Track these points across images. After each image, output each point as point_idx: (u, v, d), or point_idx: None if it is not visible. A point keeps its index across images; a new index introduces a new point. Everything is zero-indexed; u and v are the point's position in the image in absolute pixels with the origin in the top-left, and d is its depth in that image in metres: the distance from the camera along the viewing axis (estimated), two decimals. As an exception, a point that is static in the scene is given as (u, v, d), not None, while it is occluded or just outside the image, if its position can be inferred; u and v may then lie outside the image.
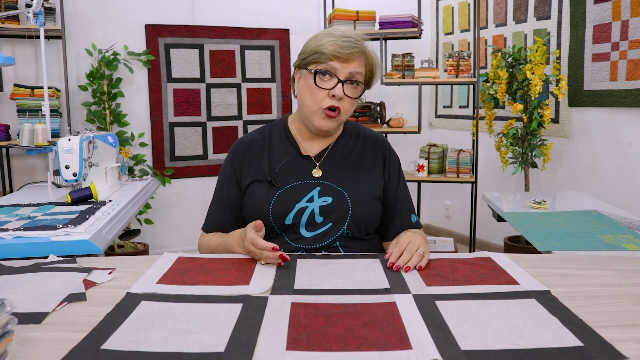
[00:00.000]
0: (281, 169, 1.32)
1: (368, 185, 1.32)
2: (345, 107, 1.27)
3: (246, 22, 3.84)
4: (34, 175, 3.37)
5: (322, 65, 1.24)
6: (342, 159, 1.35)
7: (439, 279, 1.02)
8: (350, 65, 1.24)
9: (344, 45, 1.22)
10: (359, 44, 1.25)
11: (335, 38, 1.24)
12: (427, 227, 4.48)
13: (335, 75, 1.24)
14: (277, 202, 1.27)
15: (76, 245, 1.44)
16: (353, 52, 1.23)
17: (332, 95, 1.24)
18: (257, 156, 1.35)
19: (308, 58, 1.27)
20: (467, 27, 3.92)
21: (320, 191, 1.28)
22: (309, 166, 1.33)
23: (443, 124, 4.25)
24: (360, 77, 1.27)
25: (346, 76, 1.24)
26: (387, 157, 1.39)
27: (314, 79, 1.25)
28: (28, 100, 3.08)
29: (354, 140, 1.39)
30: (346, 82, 1.25)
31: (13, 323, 0.71)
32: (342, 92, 1.24)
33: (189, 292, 0.95)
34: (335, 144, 1.37)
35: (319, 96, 1.25)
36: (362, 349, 0.73)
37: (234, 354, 0.71)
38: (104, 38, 3.47)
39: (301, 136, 1.37)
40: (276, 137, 1.38)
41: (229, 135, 3.89)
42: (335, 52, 1.22)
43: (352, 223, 1.27)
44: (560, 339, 0.76)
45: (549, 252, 1.41)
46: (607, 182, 2.99)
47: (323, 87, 1.25)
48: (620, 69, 2.83)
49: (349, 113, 1.31)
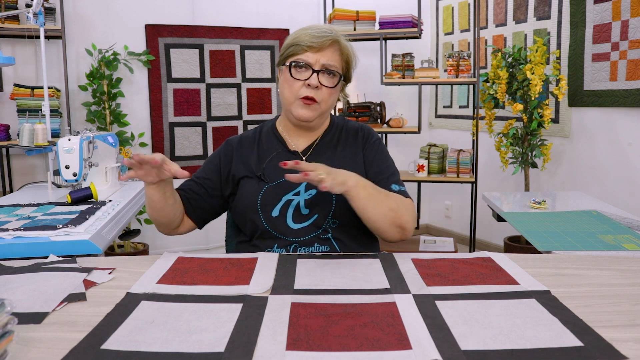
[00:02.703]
0: (269, 164, 1.35)
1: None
2: (323, 96, 1.30)
3: (246, 22, 3.84)
4: (34, 175, 3.37)
5: (297, 56, 1.29)
6: (328, 152, 1.38)
7: (439, 279, 1.02)
8: (324, 56, 1.29)
9: (317, 35, 1.29)
10: (331, 32, 1.30)
11: (310, 30, 1.30)
12: (427, 227, 4.48)
13: (310, 66, 1.29)
14: (265, 195, 1.30)
15: (76, 245, 1.44)
16: (325, 41, 1.29)
17: (308, 85, 1.28)
18: (247, 153, 1.39)
19: (285, 53, 1.33)
20: (467, 27, 3.92)
21: (306, 185, 1.31)
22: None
23: (443, 124, 4.25)
24: (335, 67, 1.31)
25: (321, 67, 1.29)
26: (365, 141, 1.40)
27: (290, 71, 1.30)
28: (28, 100, 3.08)
29: (338, 133, 1.42)
30: (321, 72, 1.29)
31: (13, 323, 0.71)
32: (317, 81, 1.28)
33: (189, 292, 0.95)
34: (321, 138, 1.40)
35: (295, 87, 1.30)
36: (362, 349, 0.73)
37: (234, 354, 0.71)
38: (104, 38, 3.47)
39: (288, 133, 1.41)
40: (265, 135, 1.43)
41: (229, 135, 3.89)
42: (308, 42, 1.28)
43: (336, 213, 1.29)
44: (560, 339, 0.76)
45: (549, 252, 1.41)
46: (607, 182, 2.99)
47: (298, 78, 1.29)
48: (620, 69, 2.83)
49: (330, 103, 1.34)
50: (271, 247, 1.29)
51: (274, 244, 1.28)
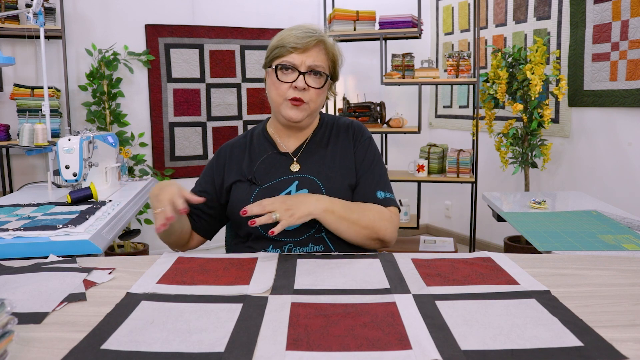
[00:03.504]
0: (259, 167, 1.35)
1: (341, 172, 1.34)
2: (311, 97, 1.29)
3: (246, 22, 3.85)
4: (34, 175, 3.37)
5: (282, 58, 1.28)
6: (319, 150, 1.37)
7: (439, 279, 1.02)
8: (309, 57, 1.28)
9: (302, 35, 1.27)
10: (316, 32, 1.29)
11: (295, 31, 1.28)
12: (427, 227, 4.48)
13: (296, 68, 1.27)
14: (257, 198, 1.29)
15: (76, 245, 1.44)
16: (310, 41, 1.27)
17: (295, 87, 1.27)
18: (239, 158, 1.39)
19: (270, 55, 1.31)
20: (467, 27, 3.92)
21: (298, 185, 1.31)
22: (287, 162, 1.36)
23: (443, 124, 4.25)
24: (321, 68, 1.29)
25: (306, 68, 1.28)
26: (355, 139, 1.39)
27: (276, 74, 1.29)
28: (28, 100, 3.08)
29: (329, 131, 1.41)
30: (308, 73, 1.28)
31: (13, 323, 0.71)
32: (303, 83, 1.27)
33: (189, 292, 0.95)
34: (311, 138, 1.39)
35: (281, 89, 1.29)
36: (362, 349, 0.73)
37: (234, 354, 0.71)
38: (104, 38, 3.47)
39: (278, 134, 1.40)
40: (256, 138, 1.42)
41: (229, 135, 3.89)
42: (293, 44, 1.26)
43: None
44: (560, 339, 0.76)
45: (549, 252, 1.41)
46: (607, 182, 2.99)
47: (285, 81, 1.28)
48: (620, 69, 2.83)
49: (318, 103, 1.33)
50: (266, 248, 1.29)
51: (269, 245, 1.29)
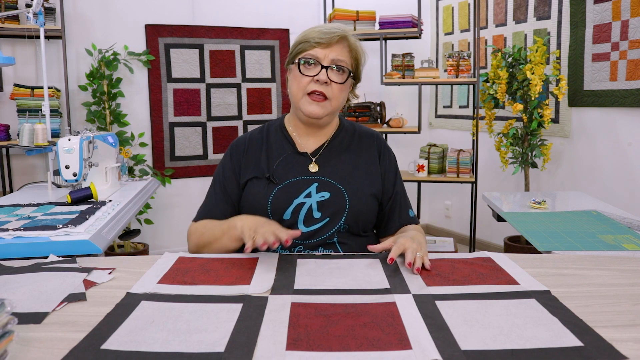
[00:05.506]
0: (279, 165, 1.33)
1: (365, 181, 1.34)
2: (333, 92, 1.29)
3: (246, 22, 3.84)
4: (34, 175, 3.37)
5: (306, 53, 1.29)
6: (339, 154, 1.37)
7: (439, 279, 1.02)
8: (332, 52, 1.28)
9: (326, 31, 1.28)
10: (339, 29, 1.30)
11: (319, 28, 1.31)
12: (427, 227, 4.48)
13: (319, 62, 1.28)
14: (275, 198, 1.28)
15: (76, 245, 1.44)
16: (334, 37, 1.28)
17: (317, 81, 1.28)
18: (256, 154, 1.37)
19: (294, 51, 1.32)
20: (467, 27, 3.92)
21: (317, 187, 1.30)
22: (305, 162, 1.34)
23: (443, 124, 4.25)
24: (344, 63, 1.30)
25: (329, 62, 1.28)
26: (382, 152, 1.41)
27: (299, 68, 1.29)
28: (28, 100, 3.08)
29: (349, 137, 1.41)
30: (330, 68, 1.28)
31: (13, 323, 0.71)
32: (326, 76, 1.28)
33: (189, 292, 0.95)
34: (331, 140, 1.38)
35: (303, 82, 1.29)
36: (362, 349, 0.73)
37: (234, 354, 0.71)
38: (104, 38, 3.47)
39: (297, 133, 1.39)
40: (273, 135, 1.40)
41: (229, 135, 3.89)
42: (317, 38, 1.28)
43: (349, 218, 1.28)
44: (560, 339, 0.76)
45: (549, 252, 1.41)
46: (607, 182, 2.99)
47: (308, 75, 1.29)
48: (620, 69, 2.83)
49: (340, 100, 1.32)
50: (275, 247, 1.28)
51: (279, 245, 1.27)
